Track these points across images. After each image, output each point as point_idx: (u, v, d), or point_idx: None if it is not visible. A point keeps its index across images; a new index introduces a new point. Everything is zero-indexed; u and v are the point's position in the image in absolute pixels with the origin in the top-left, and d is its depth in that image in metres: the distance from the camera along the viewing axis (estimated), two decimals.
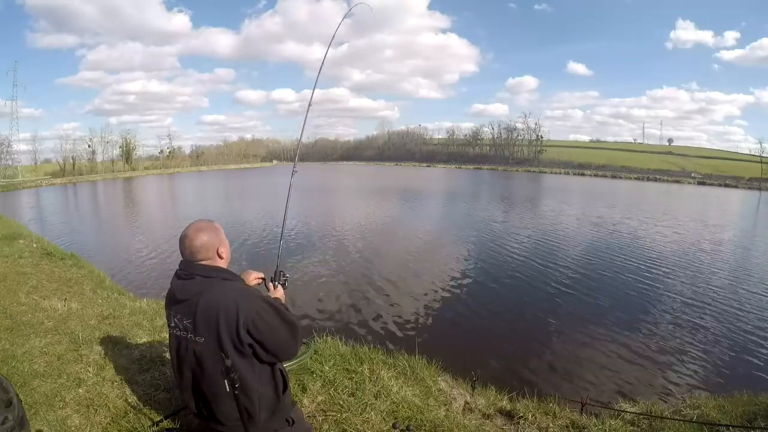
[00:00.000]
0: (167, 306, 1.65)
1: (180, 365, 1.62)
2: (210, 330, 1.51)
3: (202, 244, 1.59)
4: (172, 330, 1.62)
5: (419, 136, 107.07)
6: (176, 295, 1.60)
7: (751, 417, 2.76)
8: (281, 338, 1.57)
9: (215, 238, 1.63)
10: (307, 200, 24.63)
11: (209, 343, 1.52)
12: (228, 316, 1.48)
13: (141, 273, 9.99)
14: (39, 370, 2.39)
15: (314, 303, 7.75)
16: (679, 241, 14.41)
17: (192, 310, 1.53)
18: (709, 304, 7.98)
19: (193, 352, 1.55)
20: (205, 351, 1.53)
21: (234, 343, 1.49)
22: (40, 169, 64.03)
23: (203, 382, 1.57)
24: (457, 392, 2.93)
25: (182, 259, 1.63)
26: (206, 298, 1.52)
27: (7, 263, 5.83)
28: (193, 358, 1.56)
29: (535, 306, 7.87)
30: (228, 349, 1.49)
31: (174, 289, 1.61)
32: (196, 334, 1.53)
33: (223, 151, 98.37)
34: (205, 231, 1.62)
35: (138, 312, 3.94)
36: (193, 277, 1.57)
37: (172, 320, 1.61)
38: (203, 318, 1.51)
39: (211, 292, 1.53)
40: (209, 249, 1.60)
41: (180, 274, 1.62)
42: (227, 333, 1.48)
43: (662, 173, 63.51)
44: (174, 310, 1.60)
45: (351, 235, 14.48)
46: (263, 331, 1.51)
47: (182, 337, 1.58)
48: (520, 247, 12.79)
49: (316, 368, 2.64)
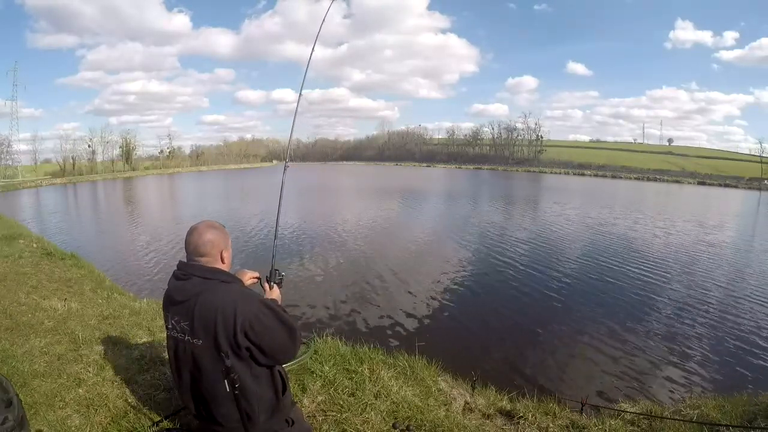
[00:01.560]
0: (165, 307, 1.64)
1: (178, 367, 1.61)
2: (208, 332, 1.49)
3: (208, 241, 1.59)
4: (170, 332, 1.60)
5: (419, 136, 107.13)
6: (174, 296, 1.59)
7: (751, 417, 2.76)
8: (279, 341, 1.56)
9: (222, 239, 1.63)
10: (307, 200, 24.64)
11: (207, 346, 1.50)
12: (225, 318, 1.47)
13: (141, 273, 9.99)
14: (39, 370, 2.39)
15: (314, 303, 7.75)
16: (679, 241, 14.42)
17: (189, 311, 1.52)
18: (709, 304, 7.98)
19: (192, 353, 1.54)
20: (203, 353, 1.51)
21: (231, 346, 1.48)
22: (40, 169, 64.00)
23: (202, 383, 1.56)
24: (457, 392, 2.93)
25: (183, 259, 1.63)
26: (204, 300, 1.51)
27: (7, 263, 5.82)
28: (192, 360, 1.55)
29: (535, 306, 7.88)
30: (226, 352, 1.47)
31: (171, 290, 1.60)
32: (194, 336, 1.52)
33: (223, 151, 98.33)
34: (214, 230, 1.63)
35: (138, 312, 3.94)
36: (190, 278, 1.56)
37: (169, 322, 1.60)
38: (201, 320, 1.50)
39: (209, 293, 1.52)
40: (214, 247, 1.60)
41: (178, 274, 1.61)
42: (224, 336, 1.47)
43: (662, 173, 63.54)
44: (171, 312, 1.59)
45: (351, 235, 14.48)
46: (261, 335, 1.50)
47: (180, 339, 1.56)
48: (520, 248, 12.79)
49: (316, 368, 2.64)
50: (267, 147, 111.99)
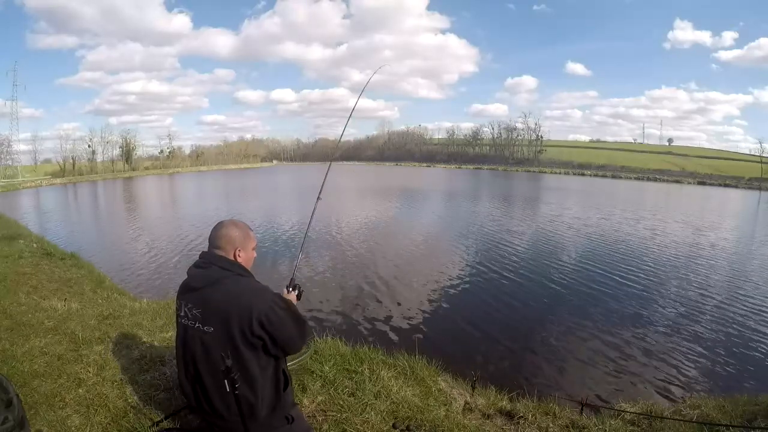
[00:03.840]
0: (179, 296, 1.68)
1: (185, 355, 1.64)
2: (221, 320, 1.53)
3: (224, 235, 1.67)
4: (181, 319, 1.64)
5: (419, 136, 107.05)
6: (190, 283, 1.63)
7: (751, 417, 2.76)
8: (291, 333, 1.62)
9: (240, 239, 1.69)
10: (307, 200, 24.62)
11: (217, 334, 1.54)
12: (241, 308, 1.52)
13: (141, 273, 9.98)
14: (39, 370, 2.38)
15: (314, 303, 7.75)
16: (679, 241, 14.41)
17: (203, 299, 1.57)
18: (709, 304, 7.98)
19: (201, 341, 1.57)
20: (213, 341, 1.55)
21: (245, 334, 1.52)
22: (40, 169, 64.04)
23: (207, 373, 1.58)
24: (457, 392, 2.93)
25: (205, 249, 1.71)
26: (219, 289, 1.56)
27: (7, 263, 5.83)
28: (200, 348, 1.58)
29: (535, 306, 7.88)
30: (237, 341, 1.52)
31: (189, 278, 1.65)
32: (205, 324, 1.56)
33: (223, 151, 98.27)
34: (235, 227, 1.71)
35: (138, 312, 3.94)
36: (210, 267, 1.62)
37: (182, 309, 1.63)
38: (215, 308, 1.55)
39: (225, 283, 1.58)
40: (228, 243, 1.66)
41: (198, 263, 1.68)
42: (238, 325, 1.51)
43: (662, 173, 63.53)
44: (185, 299, 1.63)
45: (351, 235, 14.47)
46: (275, 325, 1.55)
47: (190, 326, 1.60)
48: (520, 248, 12.79)
49: (316, 368, 2.64)
50: (267, 147, 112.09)
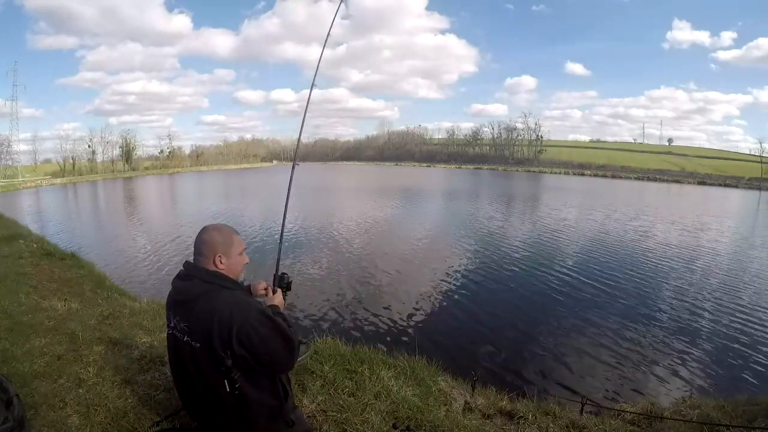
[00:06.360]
0: (167, 306, 1.63)
1: (178, 367, 1.61)
2: (205, 337, 1.47)
3: (208, 240, 1.58)
4: (171, 330, 1.59)
5: (419, 136, 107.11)
6: (175, 297, 1.58)
7: (751, 417, 2.76)
8: (275, 351, 1.51)
9: (220, 243, 1.59)
10: (307, 200, 24.61)
11: (204, 349, 1.49)
12: (221, 326, 1.44)
13: (141, 273, 9.98)
14: (39, 371, 2.38)
15: (314, 303, 7.74)
16: (679, 241, 14.41)
17: (189, 313, 1.52)
18: (709, 304, 7.98)
19: (190, 354, 1.52)
20: (201, 356, 1.50)
21: (228, 353, 1.45)
22: (40, 169, 64.04)
23: (200, 385, 1.54)
24: (457, 392, 2.93)
25: (190, 258, 1.63)
26: (203, 304, 1.49)
27: (7, 263, 5.82)
28: (190, 361, 1.53)
29: (535, 306, 7.87)
30: (224, 359, 1.45)
31: (174, 290, 1.60)
32: (193, 339, 1.51)
33: (223, 151, 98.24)
34: (215, 232, 1.61)
35: (138, 312, 3.94)
36: (192, 279, 1.55)
37: (171, 320, 1.59)
38: (199, 324, 1.49)
39: (208, 298, 1.50)
40: (208, 248, 1.57)
41: (181, 274, 1.60)
42: (220, 344, 1.44)
43: (662, 173, 63.53)
44: (173, 311, 1.58)
45: (350, 235, 14.46)
46: (256, 344, 1.46)
47: (179, 339, 1.55)
48: (520, 248, 12.79)
49: (316, 368, 2.64)
50: (267, 147, 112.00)
